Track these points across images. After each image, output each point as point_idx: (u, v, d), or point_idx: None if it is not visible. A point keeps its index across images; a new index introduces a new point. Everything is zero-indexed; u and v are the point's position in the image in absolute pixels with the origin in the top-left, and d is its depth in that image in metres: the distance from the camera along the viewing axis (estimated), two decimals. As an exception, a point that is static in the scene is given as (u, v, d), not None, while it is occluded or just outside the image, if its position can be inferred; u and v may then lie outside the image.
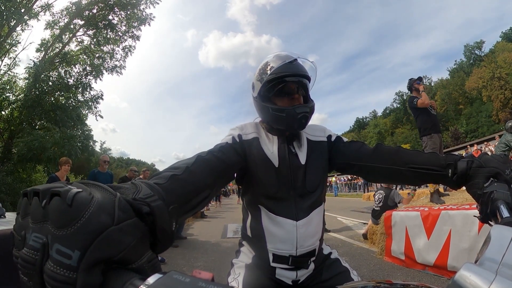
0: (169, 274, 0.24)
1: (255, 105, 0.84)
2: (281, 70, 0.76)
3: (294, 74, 0.77)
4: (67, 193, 0.25)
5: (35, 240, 0.25)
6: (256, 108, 0.85)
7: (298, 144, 0.82)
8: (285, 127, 0.78)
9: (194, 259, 3.93)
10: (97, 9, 10.15)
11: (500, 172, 0.56)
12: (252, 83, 0.84)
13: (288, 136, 0.82)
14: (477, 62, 42.96)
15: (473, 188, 0.59)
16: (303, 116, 0.75)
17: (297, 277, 0.78)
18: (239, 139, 0.78)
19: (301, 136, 0.84)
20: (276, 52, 0.83)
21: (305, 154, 0.81)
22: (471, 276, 0.33)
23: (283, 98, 0.79)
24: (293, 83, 0.78)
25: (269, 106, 0.77)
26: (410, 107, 3.81)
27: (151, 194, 0.34)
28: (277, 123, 0.79)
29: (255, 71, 0.83)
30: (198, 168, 0.55)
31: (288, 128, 0.79)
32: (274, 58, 0.80)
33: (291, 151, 0.80)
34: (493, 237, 0.40)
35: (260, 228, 0.78)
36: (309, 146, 0.83)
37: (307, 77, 0.80)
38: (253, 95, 0.84)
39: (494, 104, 36.58)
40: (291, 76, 0.77)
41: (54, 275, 0.24)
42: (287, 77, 0.76)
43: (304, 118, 0.76)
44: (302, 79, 0.79)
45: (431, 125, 3.59)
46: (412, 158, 0.70)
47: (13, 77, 9.74)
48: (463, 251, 2.40)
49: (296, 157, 0.80)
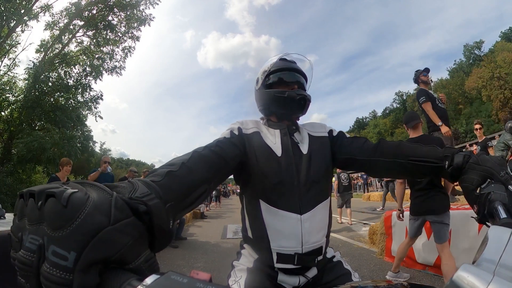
0: (167, 275, 0.24)
1: (258, 97, 0.90)
2: (281, 65, 0.88)
3: (291, 69, 0.87)
4: (62, 194, 0.25)
5: (32, 241, 0.25)
6: (258, 100, 0.91)
7: (300, 137, 0.84)
8: (286, 108, 0.84)
9: (194, 260, 3.92)
10: (96, 9, 10.15)
11: (495, 173, 0.56)
12: (256, 78, 0.92)
13: (289, 128, 0.83)
14: (476, 62, 42.99)
15: (465, 182, 0.59)
16: (302, 97, 0.82)
17: (300, 283, 0.77)
18: (238, 132, 0.77)
19: (302, 130, 0.86)
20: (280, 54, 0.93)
21: (307, 145, 0.82)
22: (468, 277, 0.33)
23: (283, 88, 0.85)
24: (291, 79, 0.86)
25: (271, 90, 0.85)
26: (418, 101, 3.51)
27: (148, 193, 0.34)
28: (278, 105, 0.84)
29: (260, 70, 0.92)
30: (195, 164, 0.54)
31: (288, 109, 0.84)
32: (276, 57, 0.91)
33: (293, 141, 0.81)
34: (491, 238, 0.40)
35: (262, 226, 0.75)
36: (310, 139, 0.83)
37: (304, 74, 0.89)
38: (255, 89, 0.91)
39: (494, 104, 36.60)
40: (289, 71, 0.87)
41: (50, 276, 0.24)
42: (286, 71, 0.86)
43: (303, 100, 0.82)
44: (299, 77, 0.87)
45: (441, 119, 3.30)
46: (412, 151, 0.71)
47: (13, 77, 9.74)
48: (463, 251, 2.41)
49: (298, 147, 0.80)
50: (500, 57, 37.41)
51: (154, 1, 10.62)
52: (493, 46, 41.94)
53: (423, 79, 3.47)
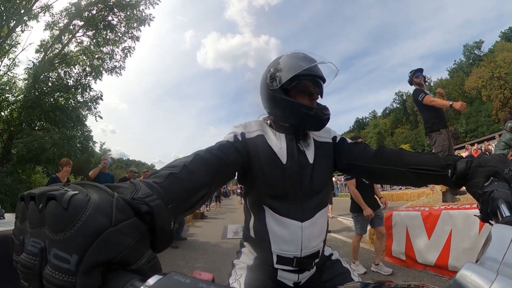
0: (170, 275, 0.24)
1: (271, 97, 0.80)
2: (312, 70, 0.78)
3: (320, 77, 0.80)
4: (63, 196, 0.25)
5: (33, 245, 0.25)
6: (269, 99, 0.81)
7: (306, 144, 0.81)
8: (307, 125, 0.79)
9: (194, 260, 3.92)
10: (96, 10, 10.16)
11: (499, 171, 0.56)
12: (270, 74, 0.80)
13: (295, 134, 0.81)
14: (476, 61, 43.03)
15: (473, 187, 0.59)
16: (327, 118, 0.79)
17: (299, 279, 0.78)
18: (241, 138, 0.76)
19: (308, 136, 0.83)
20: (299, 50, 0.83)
21: (313, 154, 0.80)
22: (472, 276, 0.32)
23: (304, 96, 0.79)
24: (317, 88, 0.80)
25: (296, 102, 0.77)
26: (415, 100, 3.42)
27: (150, 193, 0.34)
28: (299, 119, 0.77)
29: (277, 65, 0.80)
30: (196, 167, 0.54)
31: (308, 126, 0.80)
32: (301, 57, 0.80)
33: (299, 149, 0.79)
34: (494, 237, 0.40)
35: (264, 229, 0.76)
36: (316, 146, 0.82)
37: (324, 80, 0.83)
38: (269, 87, 0.79)
39: (494, 104, 36.62)
40: (318, 78, 0.80)
41: (52, 280, 0.24)
42: (316, 78, 0.79)
43: (327, 120, 0.79)
44: (321, 85, 0.82)
45: (439, 120, 3.22)
46: (413, 159, 0.71)
47: (13, 77, 9.74)
48: (464, 251, 2.40)
49: (305, 155, 0.79)
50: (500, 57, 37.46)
51: (154, 1, 10.64)
52: (493, 46, 42.01)
53: (416, 81, 3.42)
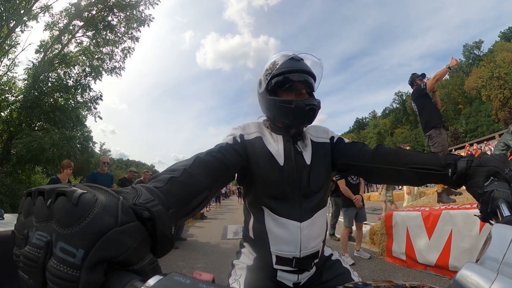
0: (170, 276, 0.24)
1: (261, 101, 0.84)
2: (287, 65, 0.78)
3: (299, 70, 0.79)
4: (73, 194, 0.26)
5: (39, 238, 0.25)
6: (262, 104, 0.84)
7: (303, 145, 0.82)
8: (293, 119, 0.78)
9: (194, 261, 3.92)
10: (96, 10, 10.14)
11: (499, 171, 0.56)
12: (259, 80, 0.84)
13: (293, 136, 0.82)
14: (476, 61, 43.08)
15: (473, 187, 0.59)
16: (311, 108, 0.76)
17: (298, 279, 0.78)
18: (240, 139, 0.77)
19: (305, 137, 0.84)
20: (283, 52, 0.84)
21: (310, 155, 0.80)
22: (472, 276, 0.32)
23: (290, 93, 0.79)
24: (299, 82, 0.78)
25: (277, 99, 0.78)
26: (415, 98, 3.48)
27: (151, 199, 0.34)
28: (284, 115, 0.78)
29: (262, 70, 0.83)
30: (196, 170, 0.54)
31: (295, 120, 0.78)
32: (280, 56, 0.81)
33: (297, 150, 0.80)
34: (494, 236, 0.40)
35: (263, 230, 0.77)
36: (313, 147, 0.82)
37: (312, 74, 0.81)
38: (259, 92, 0.84)
39: (493, 104, 36.66)
40: (297, 72, 0.78)
41: (57, 272, 0.24)
42: (293, 72, 0.78)
43: (312, 111, 0.76)
44: (308, 77, 0.80)
45: (438, 119, 3.31)
46: (412, 158, 0.70)
47: (12, 78, 9.73)
48: (465, 251, 2.40)
49: (302, 156, 0.79)
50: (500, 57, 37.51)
51: (154, 2, 10.63)
52: (492, 46, 42.10)
53: (418, 82, 3.52)
